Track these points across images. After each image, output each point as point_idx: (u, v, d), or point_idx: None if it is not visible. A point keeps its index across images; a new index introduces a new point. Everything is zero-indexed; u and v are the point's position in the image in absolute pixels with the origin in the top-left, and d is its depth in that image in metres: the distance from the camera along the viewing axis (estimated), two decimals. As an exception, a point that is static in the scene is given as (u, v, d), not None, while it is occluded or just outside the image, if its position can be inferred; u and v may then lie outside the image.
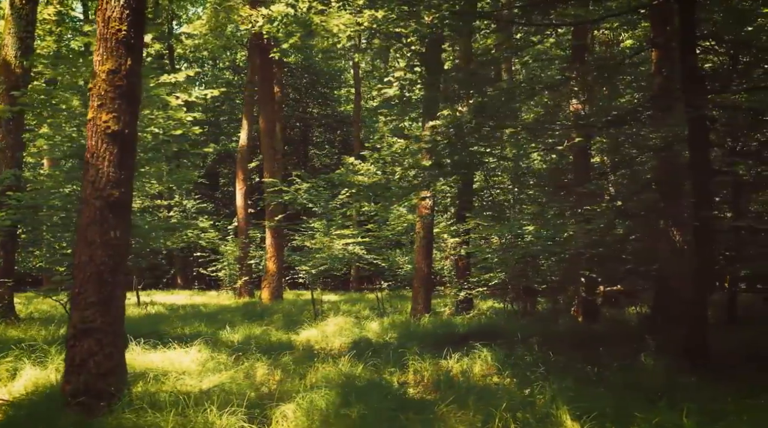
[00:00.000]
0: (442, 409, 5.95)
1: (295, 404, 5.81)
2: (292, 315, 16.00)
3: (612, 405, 5.73)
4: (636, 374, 7.31)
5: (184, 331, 11.67)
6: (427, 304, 13.74)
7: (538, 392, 6.70)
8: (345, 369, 7.71)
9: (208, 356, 8.22)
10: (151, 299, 21.29)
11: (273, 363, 8.68)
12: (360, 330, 12.78)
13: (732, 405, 5.52)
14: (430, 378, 8.12)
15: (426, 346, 10.42)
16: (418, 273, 13.94)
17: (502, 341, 9.69)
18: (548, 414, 5.51)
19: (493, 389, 7.09)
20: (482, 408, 5.83)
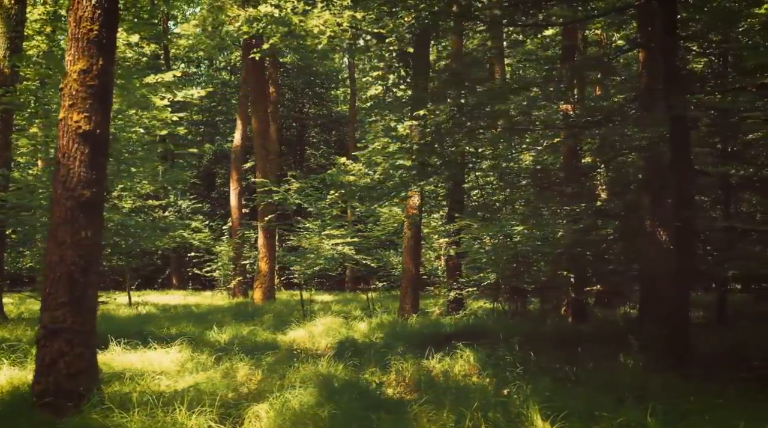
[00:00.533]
0: (416, 409, 5.94)
1: (268, 404, 5.81)
2: (282, 316, 15.99)
3: (584, 405, 5.73)
4: (613, 374, 7.32)
5: (170, 331, 11.65)
6: (414, 304, 13.74)
7: (515, 392, 6.72)
8: (324, 370, 7.71)
9: (189, 356, 8.22)
10: (144, 300, 21.26)
11: (256, 363, 8.69)
12: (347, 330, 12.78)
13: (696, 405, 5.52)
14: (411, 378, 8.12)
15: (411, 346, 10.43)
16: (405, 273, 13.94)
17: (486, 341, 9.69)
18: (519, 413, 5.51)
19: (471, 389, 7.08)
20: (456, 407, 5.82)
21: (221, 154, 39.81)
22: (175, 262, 33.99)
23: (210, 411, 5.40)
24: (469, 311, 16.75)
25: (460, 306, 16.47)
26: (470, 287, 16.28)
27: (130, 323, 13.30)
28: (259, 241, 20.97)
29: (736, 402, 5.70)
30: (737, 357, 8.59)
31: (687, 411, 5.32)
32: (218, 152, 40.13)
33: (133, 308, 17.77)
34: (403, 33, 8.27)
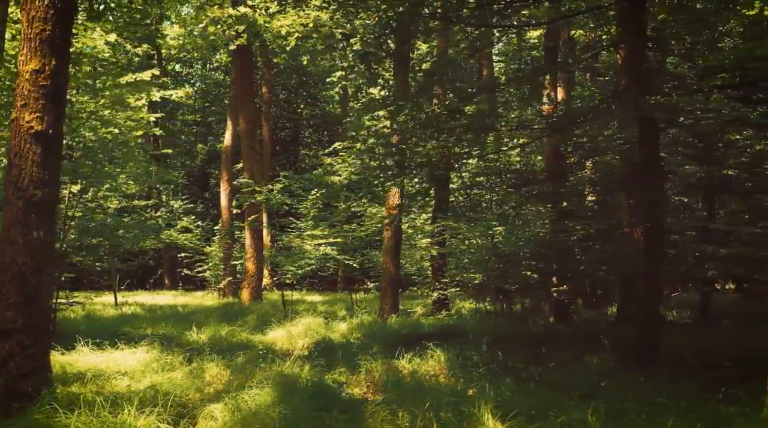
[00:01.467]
0: (371, 409, 5.95)
1: (223, 404, 5.82)
2: (266, 316, 15.98)
3: (538, 404, 5.74)
4: (575, 374, 7.32)
5: (146, 332, 11.66)
6: (394, 304, 13.74)
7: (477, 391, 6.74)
8: (289, 370, 7.71)
9: (156, 357, 8.22)
10: (134, 300, 21.27)
11: (227, 363, 8.70)
12: (326, 330, 12.78)
13: (638, 404, 5.54)
14: (380, 379, 8.14)
15: (387, 346, 10.46)
16: (385, 274, 13.95)
17: (458, 341, 9.71)
18: (471, 413, 5.52)
19: (434, 388, 7.10)
20: (412, 407, 5.83)
21: (215, 154, 39.83)
22: (168, 262, 33.99)
23: (162, 412, 5.40)
24: (454, 311, 16.76)
25: (443, 306, 16.48)
26: (454, 287, 16.29)
27: (110, 323, 13.32)
28: (246, 241, 20.98)
29: (685, 402, 5.71)
30: (707, 358, 8.59)
31: (627, 410, 5.34)
32: (211, 152, 40.15)
33: (118, 308, 17.78)
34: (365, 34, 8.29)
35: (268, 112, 34.85)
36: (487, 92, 9.37)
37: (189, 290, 31.85)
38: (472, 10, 7.89)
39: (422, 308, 16.71)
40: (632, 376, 7.50)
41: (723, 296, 20.90)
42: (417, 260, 18.34)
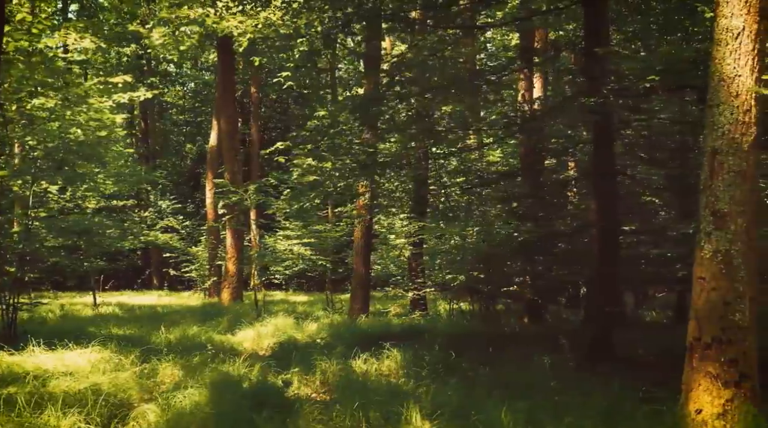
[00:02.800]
0: (307, 408, 5.99)
1: (155, 403, 5.86)
2: (241, 316, 15.99)
3: (469, 403, 5.79)
4: (521, 374, 7.37)
5: (112, 332, 11.70)
6: (364, 305, 13.79)
7: (423, 391, 6.82)
8: (237, 370, 7.75)
9: (108, 357, 8.25)
10: (117, 301, 21.26)
11: (184, 363, 8.72)
12: (295, 331, 12.81)
13: (564, 400, 5.62)
14: (332, 379, 8.18)
15: (351, 346, 10.47)
16: (356, 274, 13.99)
17: (419, 342, 9.77)
18: (400, 412, 5.57)
19: (380, 388, 7.15)
20: (348, 406, 5.88)
21: (204, 154, 39.85)
22: (156, 263, 34.00)
23: (91, 412, 5.44)
24: (433, 312, 16.81)
25: (421, 307, 16.52)
26: (429, 287, 16.34)
27: (81, 323, 13.33)
28: (227, 242, 21.00)
29: (607, 400, 5.77)
30: (658, 357, 8.64)
31: (537, 407, 5.41)
32: (200, 153, 40.16)
33: (96, 308, 17.81)
34: (314, 34, 8.32)
35: (257, 112, 34.81)
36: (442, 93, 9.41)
37: (177, 290, 31.88)
38: (424, 10, 7.93)
39: (401, 309, 16.76)
40: (578, 375, 7.56)
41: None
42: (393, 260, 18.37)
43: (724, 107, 5.02)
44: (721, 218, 4.96)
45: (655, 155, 9.83)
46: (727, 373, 4.80)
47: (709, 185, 5.06)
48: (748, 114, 4.97)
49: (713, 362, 4.86)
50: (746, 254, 4.91)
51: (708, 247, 5.01)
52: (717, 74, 5.10)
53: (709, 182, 5.06)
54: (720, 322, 4.88)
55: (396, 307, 17.68)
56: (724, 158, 4.99)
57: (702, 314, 4.99)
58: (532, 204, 11.27)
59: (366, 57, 13.41)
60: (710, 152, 5.09)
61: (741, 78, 4.98)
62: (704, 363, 4.91)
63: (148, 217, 30.71)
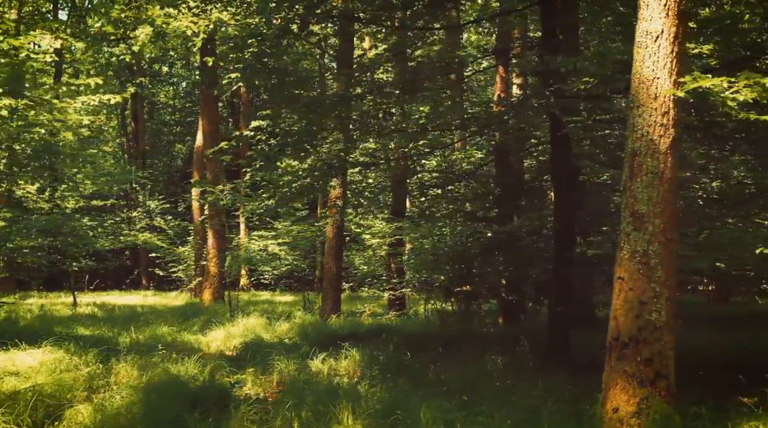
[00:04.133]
0: (243, 409, 6.03)
1: (90, 403, 5.90)
2: (217, 316, 16.05)
3: (403, 403, 5.83)
4: (467, 373, 7.43)
5: (78, 332, 11.74)
6: (336, 304, 13.84)
7: (365, 391, 6.90)
8: (186, 370, 7.79)
9: (61, 357, 8.28)
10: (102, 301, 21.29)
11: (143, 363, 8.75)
12: (265, 331, 12.86)
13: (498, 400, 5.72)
14: (285, 379, 8.24)
15: (315, 346, 10.52)
16: (327, 274, 14.04)
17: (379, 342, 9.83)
18: (329, 412, 5.62)
19: (327, 388, 7.20)
20: (279, 407, 5.93)
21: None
22: (145, 262, 34.03)
23: (23, 412, 5.48)
24: (413, 312, 16.87)
25: (399, 306, 16.56)
26: (405, 288, 16.39)
27: (52, 324, 13.35)
28: (209, 242, 21.01)
29: (532, 400, 5.84)
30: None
31: (464, 406, 5.49)
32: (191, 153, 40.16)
33: (73, 308, 17.85)
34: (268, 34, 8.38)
35: (247, 112, 34.81)
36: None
37: (165, 290, 31.93)
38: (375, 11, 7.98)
39: (380, 309, 16.82)
40: (529, 375, 7.60)
41: (699, 297, 21.09)
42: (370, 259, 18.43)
43: (643, 109, 5.07)
44: (639, 218, 5.00)
45: (615, 156, 9.87)
46: (642, 372, 4.85)
47: (629, 186, 5.11)
48: (666, 116, 5.01)
49: (630, 361, 4.90)
50: (663, 254, 4.95)
51: (627, 247, 5.06)
52: (637, 76, 5.15)
53: (629, 184, 5.11)
54: (637, 322, 4.93)
55: (375, 307, 17.73)
56: (643, 159, 5.04)
57: (620, 314, 5.04)
58: (496, 203, 11.32)
59: (338, 57, 13.45)
60: (630, 153, 5.13)
61: (660, 80, 5.02)
62: (622, 363, 4.95)
63: (137, 217, 30.78)
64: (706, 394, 5.55)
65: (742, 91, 4.58)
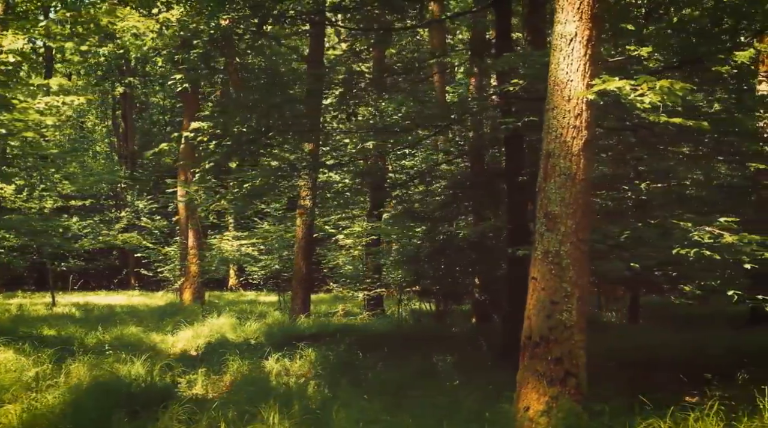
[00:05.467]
0: (176, 409, 6.07)
1: (20, 403, 5.97)
2: (193, 316, 16.11)
3: (332, 402, 5.91)
4: (403, 373, 7.50)
5: (43, 332, 11.82)
6: (305, 304, 13.89)
7: (302, 391, 7.01)
8: (129, 370, 7.84)
9: (11, 357, 8.34)
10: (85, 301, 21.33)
11: (95, 363, 8.80)
12: (233, 331, 12.94)
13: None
14: (234, 379, 8.31)
15: (280, 346, 10.59)
16: (296, 274, 14.09)
17: (323, 342, 9.93)
18: (254, 413, 5.68)
19: (274, 388, 7.27)
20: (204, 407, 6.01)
21: (183, 153, 39.88)
22: (133, 262, 34.07)
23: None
24: (390, 312, 16.92)
25: (372, 306, 16.60)
26: (379, 288, 16.45)
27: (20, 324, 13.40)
28: (189, 242, 21.06)
29: (449, 399, 5.92)
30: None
31: (388, 407, 5.58)
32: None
33: (49, 309, 17.92)
34: (216, 34, 8.42)
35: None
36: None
37: (152, 290, 31.99)
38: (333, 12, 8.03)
39: (359, 309, 16.89)
40: (479, 375, 7.67)
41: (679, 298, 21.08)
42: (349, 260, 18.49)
43: (557, 111, 5.12)
44: (552, 219, 5.06)
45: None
46: (552, 371, 4.91)
47: (543, 187, 5.17)
48: (579, 118, 5.07)
49: (541, 360, 4.96)
50: (575, 254, 5.01)
51: (540, 248, 5.12)
52: (552, 79, 5.20)
53: (543, 185, 5.17)
54: (548, 321, 4.99)
55: (353, 307, 17.79)
56: (557, 160, 5.09)
57: (532, 314, 5.10)
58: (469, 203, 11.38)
59: (308, 58, 13.51)
60: (545, 154, 5.19)
61: (573, 83, 5.08)
62: (533, 362, 5.01)
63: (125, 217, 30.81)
64: (639, 393, 5.58)
65: (648, 94, 4.63)
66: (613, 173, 8.32)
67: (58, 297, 22.54)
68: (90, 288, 30.86)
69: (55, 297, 20.12)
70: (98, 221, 24.48)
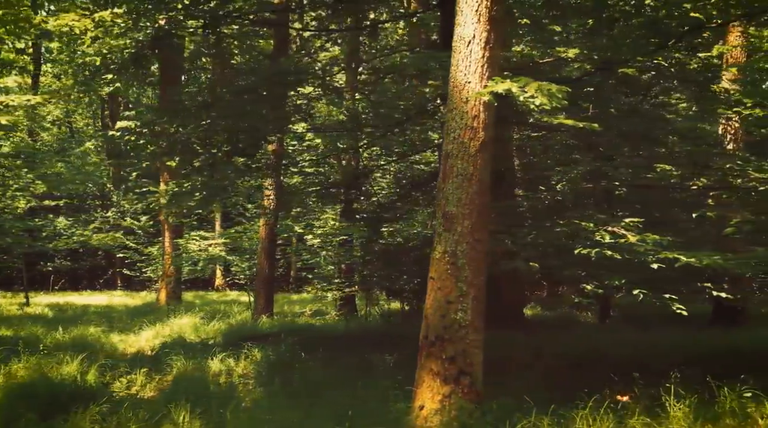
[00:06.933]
0: (94, 409, 6.11)
1: None
2: (162, 316, 16.16)
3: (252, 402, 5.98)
4: (332, 373, 7.56)
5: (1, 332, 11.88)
6: (267, 304, 13.95)
7: (242, 391, 7.07)
8: (71, 371, 7.89)
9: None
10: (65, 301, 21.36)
11: (35, 364, 8.83)
12: (193, 331, 12.99)
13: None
14: (172, 379, 8.36)
15: (233, 346, 10.63)
16: (259, 274, 14.15)
17: (266, 343, 9.99)
18: (165, 412, 5.73)
19: (207, 389, 7.32)
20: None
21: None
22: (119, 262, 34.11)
23: None
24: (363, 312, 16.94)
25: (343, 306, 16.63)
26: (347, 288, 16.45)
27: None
28: (165, 242, 21.09)
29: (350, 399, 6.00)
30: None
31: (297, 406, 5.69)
32: (167, 153, 40.23)
33: (20, 309, 17.96)
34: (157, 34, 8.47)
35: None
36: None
37: (138, 290, 32.04)
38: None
39: (309, 309, 16.95)
40: (412, 374, 7.71)
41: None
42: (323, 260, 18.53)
43: (456, 113, 5.17)
44: (449, 219, 5.11)
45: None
46: (447, 370, 4.96)
47: (442, 187, 5.22)
48: (476, 119, 5.11)
49: (436, 359, 5.01)
50: (471, 254, 5.05)
51: (439, 248, 5.17)
52: (452, 81, 5.25)
53: (442, 185, 5.21)
54: (443, 321, 5.04)
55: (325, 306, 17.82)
56: (455, 161, 5.14)
57: (429, 313, 5.15)
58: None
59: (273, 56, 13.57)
60: (444, 155, 5.24)
61: (471, 84, 5.12)
62: (429, 361, 5.06)
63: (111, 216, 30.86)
64: (570, 391, 5.60)
65: (537, 96, 4.67)
66: (529, 175, 8.37)
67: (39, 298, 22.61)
68: (76, 288, 30.91)
69: (30, 298, 20.16)
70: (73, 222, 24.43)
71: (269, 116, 11.24)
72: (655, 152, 6.77)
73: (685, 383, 6.90)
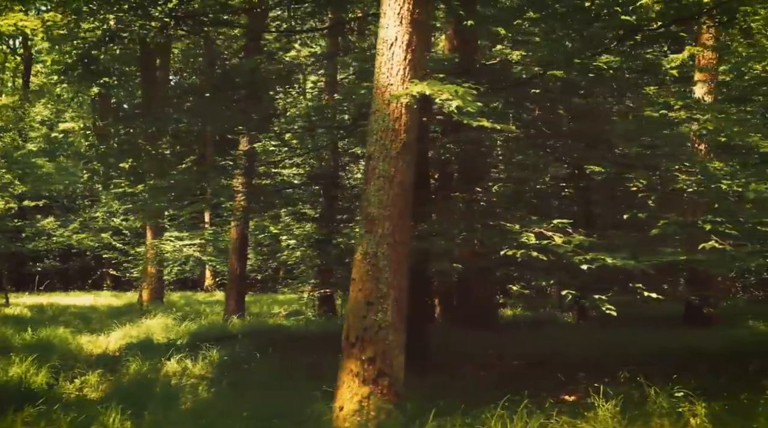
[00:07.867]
0: (30, 411, 6.13)
1: None
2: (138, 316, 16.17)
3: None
4: (279, 375, 7.58)
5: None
6: (238, 305, 13.97)
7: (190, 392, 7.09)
8: (20, 372, 7.91)
9: None
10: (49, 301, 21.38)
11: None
12: (165, 331, 13.00)
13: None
14: (126, 380, 8.38)
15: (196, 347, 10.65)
16: (230, 274, 14.18)
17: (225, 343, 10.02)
18: (100, 414, 5.77)
19: (155, 389, 7.35)
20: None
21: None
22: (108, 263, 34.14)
23: None
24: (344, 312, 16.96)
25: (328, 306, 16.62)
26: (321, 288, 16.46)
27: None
28: (147, 242, 21.11)
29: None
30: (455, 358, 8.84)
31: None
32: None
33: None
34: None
35: None
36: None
37: (126, 290, 32.08)
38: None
39: (283, 310, 16.96)
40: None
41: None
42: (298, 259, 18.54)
43: (378, 115, 5.19)
44: (371, 221, 5.13)
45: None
46: (366, 371, 4.98)
47: (364, 189, 5.24)
48: (398, 121, 5.14)
49: (355, 360, 5.03)
50: (392, 256, 5.07)
51: (360, 249, 5.19)
52: (376, 83, 5.27)
53: (365, 187, 5.23)
54: (363, 322, 5.06)
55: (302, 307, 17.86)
56: (377, 163, 5.16)
57: (351, 314, 5.17)
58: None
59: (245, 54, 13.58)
60: (367, 157, 5.26)
61: (393, 87, 5.14)
62: (349, 362, 5.08)
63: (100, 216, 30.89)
64: (516, 391, 5.62)
65: (453, 99, 4.69)
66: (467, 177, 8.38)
67: (23, 298, 22.66)
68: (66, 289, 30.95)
69: (11, 298, 20.19)
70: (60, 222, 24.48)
71: (238, 119, 11.30)
72: (594, 152, 6.79)
73: (627, 383, 6.98)
